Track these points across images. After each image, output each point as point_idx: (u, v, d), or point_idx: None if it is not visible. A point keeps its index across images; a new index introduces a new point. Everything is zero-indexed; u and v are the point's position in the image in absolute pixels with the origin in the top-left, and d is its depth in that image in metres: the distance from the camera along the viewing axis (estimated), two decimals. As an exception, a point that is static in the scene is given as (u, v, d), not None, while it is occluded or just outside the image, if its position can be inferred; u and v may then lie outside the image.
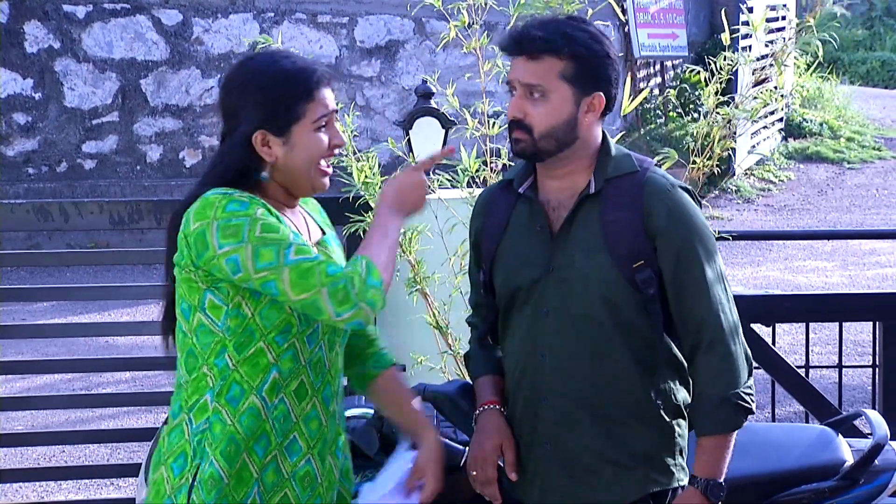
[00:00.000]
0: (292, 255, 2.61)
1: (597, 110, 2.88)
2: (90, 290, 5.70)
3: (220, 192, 2.67)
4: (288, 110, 2.72)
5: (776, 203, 12.99)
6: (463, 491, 3.29)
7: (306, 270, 2.61)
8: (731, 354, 2.85)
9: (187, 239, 2.68)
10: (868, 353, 5.72)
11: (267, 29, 11.90)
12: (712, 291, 2.85)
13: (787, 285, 9.67)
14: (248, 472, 2.71)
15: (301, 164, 2.76)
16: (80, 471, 5.55)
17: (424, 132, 4.79)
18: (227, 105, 2.76)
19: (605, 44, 2.87)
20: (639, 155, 2.97)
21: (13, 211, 4.81)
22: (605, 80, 2.87)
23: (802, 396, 4.85)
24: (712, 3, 16.23)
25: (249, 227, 2.62)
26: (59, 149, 11.75)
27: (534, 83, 2.85)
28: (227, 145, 2.75)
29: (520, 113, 2.87)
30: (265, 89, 2.72)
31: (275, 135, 2.73)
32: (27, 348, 7.78)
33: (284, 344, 2.72)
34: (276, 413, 2.73)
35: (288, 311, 2.70)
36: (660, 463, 2.91)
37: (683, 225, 2.84)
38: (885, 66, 20.97)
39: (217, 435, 2.68)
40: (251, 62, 2.77)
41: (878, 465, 3.38)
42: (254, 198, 2.69)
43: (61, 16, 11.72)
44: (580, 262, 2.88)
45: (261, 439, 2.72)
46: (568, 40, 2.83)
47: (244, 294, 2.67)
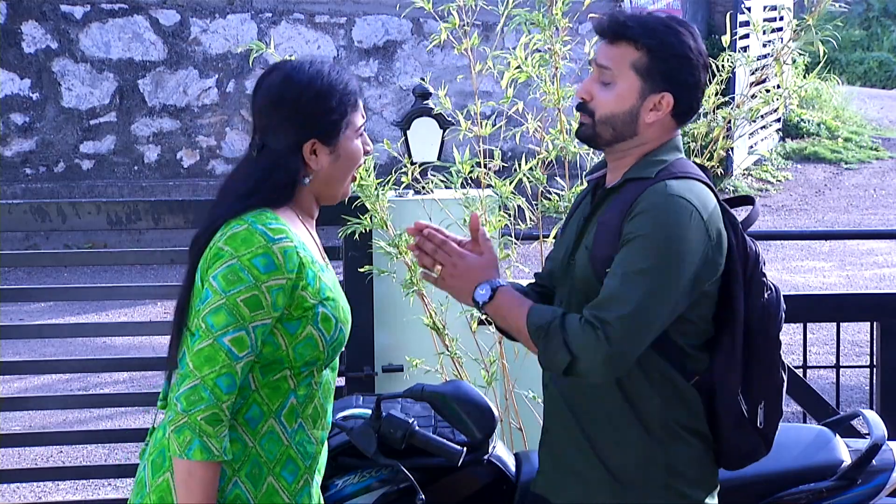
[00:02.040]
0: (228, 339, 2.61)
1: (663, 111, 2.83)
2: (88, 291, 5.70)
3: (263, 236, 2.65)
4: (339, 120, 2.75)
5: (774, 203, 12.99)
6: (463, 491, 3.30)
7: (213, 357, 2.61)
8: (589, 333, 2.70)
9: (211, 251, 2.69)
10: (866, 354, 5.72)
11: (265, 29, 11.90)
12: (620, 286, 2.70)
13: (784, 285, 9.67)
14: (279, 497, 2.72)
15: (343, 172, 2.80)
16: (78, 471, 5.55)
17: (422, 132, 4.79)
18: (272, 115, 2.75)
19: (689, 44, 2.81)
20: (684, 166, 2.85)
21: (11, 211, 4.80)
22: (678, 82, 2.82)
23: (800, 396, 4.85)
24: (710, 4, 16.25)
25: (244, 288, 2.62)
26: (57, 149, 11.75)
27: (606, 66, 2.83)
28: (274, 154, 2.74)
29: (587, 94, 2.86)
30: (319, 100, 2.73)
31: (324, 144, 2.75)
32: (25, 349, 7.78)
33: (306, 373, 2.76)
34: (297, 439, 2.75)
35: (321, 349, 2.73)
36: (632, 476, 2.85)
37: (639, 223, 2.73)
38: (882, 66, 20.98)
39: (236, 455, 2.69)
40: (296, 72, 2.76)
41: (876, 465, 3.38)
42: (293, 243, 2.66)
43: (59, 16, 11.71)
44: (579, 258, 2.88)
45: (287, 465, 2.74)
46: (647, 31, 2.80)
47: (279, 327, 2.69)
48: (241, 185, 2.74)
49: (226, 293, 2.62)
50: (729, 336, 2.85)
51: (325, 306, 2.71)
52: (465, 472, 3.26)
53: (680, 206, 2.74)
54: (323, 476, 3.15)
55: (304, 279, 2.67)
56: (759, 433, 2.92)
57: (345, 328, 2.78)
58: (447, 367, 4.42)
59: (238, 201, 2.71)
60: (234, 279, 2.62)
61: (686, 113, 2.87)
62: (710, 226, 2.78)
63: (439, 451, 3.08)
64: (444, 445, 3.07)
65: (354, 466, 3.24)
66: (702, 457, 2.89)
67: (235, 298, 2.62)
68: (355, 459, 3.22)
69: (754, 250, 2.89)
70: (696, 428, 2.88)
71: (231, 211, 2.71)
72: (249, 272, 2.62)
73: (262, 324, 2.64)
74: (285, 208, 2.76)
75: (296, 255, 2.66)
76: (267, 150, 2.75)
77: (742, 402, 2.88)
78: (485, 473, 3.30)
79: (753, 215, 2.99)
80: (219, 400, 2.61)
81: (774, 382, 2.93)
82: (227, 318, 2.62)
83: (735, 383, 2.86)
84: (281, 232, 2.67)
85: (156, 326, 5.36)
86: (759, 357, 2.88)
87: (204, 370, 2.61)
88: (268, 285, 2.63)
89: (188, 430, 2.61)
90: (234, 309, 2.62)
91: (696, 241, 2.74)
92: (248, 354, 2.64)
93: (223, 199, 2.75)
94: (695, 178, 2.84)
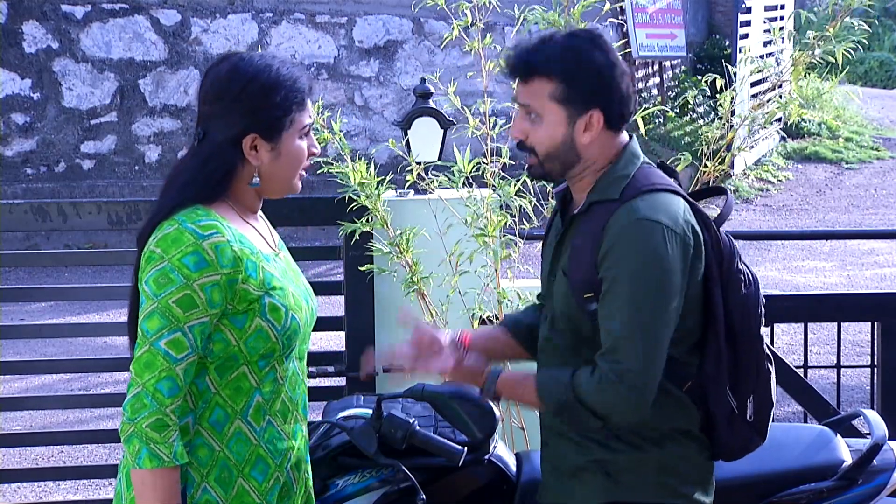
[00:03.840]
0: (164, 343, 2.60)
1: (595, 128, 2.84)
2: (88, 291, 5.69)
3: (193, 234, 2.62)
4: (283, 117, 2.72)
5: (774, 203, 12.99)
6: (463, 491, 3.29)
7: (151, 363, 2.60)
8: (606, 384, 2.74)
9: (144, 254, 2.67)
10: (866, 354, 5.72)
11: (265, 29, 11.90)
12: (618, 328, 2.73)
13: (785, 285, 9.67)
14: (250, 497, 2.72)
15: (285, 171, 2.76)
16: (79, 471, 5.55)
17: (423, 132, 4.79)
18: (215, 105, 2.72)
19: (598, 61, 2.81)
20: (648, 177, 2.86)
21: (11, 211, 4.80)
22: (600, 97, 2.82)
23: (801, 396, 4.85)
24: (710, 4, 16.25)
25: (175, 290, 2.60)
26: (58, 149, 11.75)
27: (528, 104, 2.85)
28: (213, 146, 2.71)
29: (521, 134, 2.88)
30: (263, 94, 2.70)
31: (265, 139, 2.72)
32: (25, 348, 7.78)
33: (266, 367, 2.73)
34: (266, 437, 2.74)
35: (273, 339, 2.70)
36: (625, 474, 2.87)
37: (616, 257, 2.74)
38: (883, 66, 20.99)
39: (204, 460, 2.68)
40: (244, 63, 2.73)
41: (877, 465, 3.38)
42: (224, 238, 2.64)
43: (60, 16, 11.71)
44: (559, 279, 2.90)
45: (257, 464, 2.73)
46: (555, 61, 2.80)
47: (226, 323, 2.67)
48: (180, 176, 2.72)
49: (157, 297, 2.60)
50: (713, 335, 2.87)
51: (271, 296, 2.69)
52: (465, 472, 3.26)
53: (650, 230, 2.75)
54: (323, 476, 3.16)
55: (242, 272, 2.65)
56: (751, 426, 2.95)
57: (298, 315, 2.74)
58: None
59: (175, 194, 2.69)
60: (164, 281, 2.60)
61: (620, 121, 2.88)
62: (684, 237, 2.79)
63: (440, 450, 3.08)
64: (445, 445, 3.07)
65: (355, 466, 3.24)
66: (695, 455, 2.92)
67: (167, 301, 2.60)
68: (356, 459, 3.22)
69: (728, 246, 2.90)
70: (689, 430, 2.91)
71: (167, 206, 2.68)
72: (180, 272, 2.60)
73: (200, 322, 2.62)
74: (221, 203, 2.72)
75: (229, 249, 2.64)
76: (207, 140, 2.72)
77: (731, 397, 2.90)
78: (485, 473, 3.30)
79: (727, 210, 2.99)
80: (161, 405, 2.59)
81: (761, 375, 2.95)
82: (161, 322, 2.60)
83: (723, 380, 2.89)
84: (211, 228, 2.64)
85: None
86: (743, 352, 2.90)
87: (144, 376, 2.60)
88: (200, 283, 2.60)
89: (136, 438, 2.61)
90: (167, 311, 2.60)
91: (674, 259, 2.76)
92: (189, 354, 2.61)
93: (166, 191, 2.73)
94: (660, 188, 2.83)
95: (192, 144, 2.78)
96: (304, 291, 2.82)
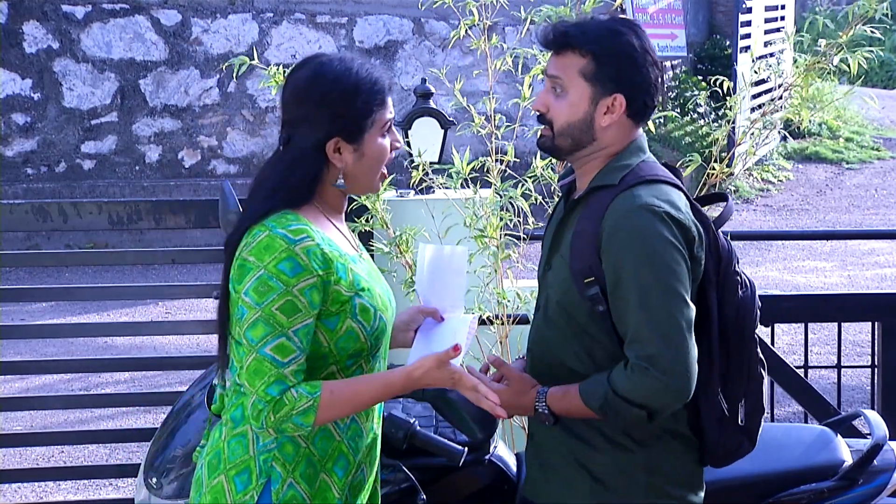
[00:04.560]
0: (269, 349, 2.63)
1: (616, 112, 2.85)
2: (89, 291, 5.69)
3: (284, 239, 2.65)
4: (364, 119, 2.75)
5: (775, 203, 12.99)
6: (464, 491, 3.29)
7: (260, 370, 2.63)
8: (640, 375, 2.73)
9: (237, 261, 2.69)
10: (867, 354, 5.72)
11: (266, 29, 11.90)
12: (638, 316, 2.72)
13: (785, 285, 9.67)
14: (331, 493, 2.74)
15: (368, 169, 2.79)
16: (79, 471, 5.55)
17: (423, 132, 4.80)
18: (297, 111, 2.75)
19: (633, 44, 2.83)
20: (650, 168, 2.87)
21: (12, 211, 4.80)
22: (627, 82, 2.84)
23: (801, 397, 4.85)
24: (711, 4, 16.24)
25: (276, 297, 2.63)
26: (58, 149, 11.75)
27: (555, 75, 2.86)
28: (298, 151, 2.74)
29: (542, 106, 2.90)
30: (345, 98, 2.73)
31: (348, 142, 2.75)
32: (26, 349, 7.78)
33: (353, 367, 2.77)
34: (349, 433, 2.77)
35: (363, 340, 2.74)
36: (612, 477, 2.87)
37: (620, 243, 2.74)
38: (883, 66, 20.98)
39: (290, 456, 2.71)
40: (325, 68, 2.75)
41: (877, 465, 3.38)
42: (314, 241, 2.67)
43: (60, 16, 11.71)
44: (555, 267, 2.90)
45: (339, 460, 2.76)
46: (590, 38, 2.82)
47: (318, 324, 2.69)
48: (268, 181, 2.75)
49: (260, 306, 2.63)
50: (705, 336, 2.86)
51: (361, 297, 2.72)
52: (466, 472, 3.26)
53: (650, 214, 2.76)
54: None
55: (334, 274, 2.68)
56: (742, 431, 2.94)
57: (385, 315, 2.79)
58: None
59: (264, 200, 2.72)
60: (264, 290, 2.63)
61: (642, 111, 2.89)
62: (684, 221, 2.79)
63: (440, 451, 3.08)
64: (446, 445, 3.07)
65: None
66: (682, 455, 2.91)
67: (270, 308, 2.63)
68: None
69: (727, 249, 2.91)
70: (676, 429, 2.90)
71: (257, 212, 2.71)
72: (278, 279, 2.63)
73: (304, 325, 2.65)
74: (309, 206, 2.76)
75: (320, 252, 2.67)
76: (292, 145, 2.75)
77: (722, 401, 2.89)
78: (486, 473, 3.30)
79: (727, 213, 3.00)
80: (272, 401, 2.63)
81: (754, 379, 2.94)
82: (265, 329, 2.63)
83: (714, 383, 2.88)
84: (302, 232, 2.67)
85: (157, 326, 5.36)
86: (736, 355, 2.90)
87: (256, 384, 2.63)
88: (299, 288, 2.64)
89: (280, 429, 2.64)
90: (271, 318, 2.63)
91: (678, 240, 2.76)
92: (297, 357, 2.65)
93: (253, 196, 2.77)
94: (661, 180, 2.85)
95: (276, 149, 2.80)
96: (387, 291, 2.86)
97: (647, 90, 2.87)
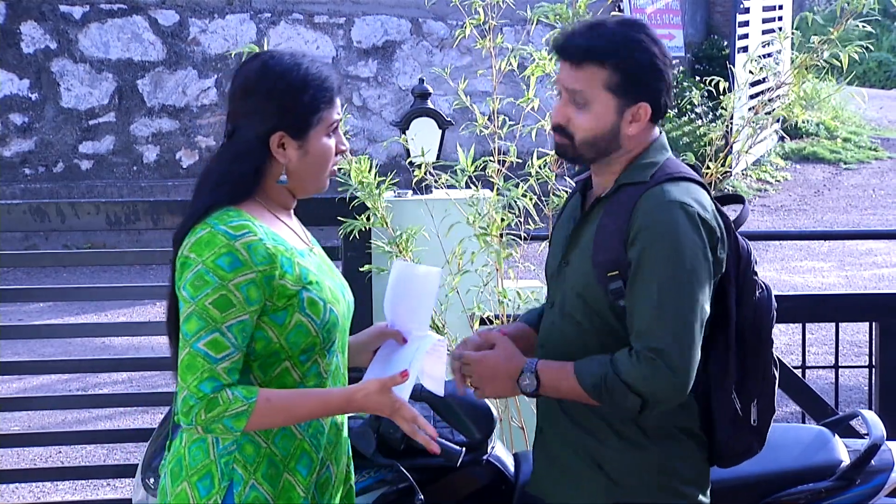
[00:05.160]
0: (202, 344, 2.61)
1: (642, 120, 2.83)
2: (87, 291, 5.69)
3: (225, 235, 2.64)
4: (310, 115, 2.72)
5: (773, 203, 13.00)
6: (462, 491, 3.29)
7: (192, 365, 2.62)
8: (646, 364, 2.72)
9: (179, 259, 2.69)
10: (864, 354, 5.72)
11: (264, 29, 11.90)
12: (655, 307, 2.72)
13: (783, 286, 9.67)
14: (296, 493, 2.72)
15: (313, 168, 2.76)
16: (77, 471, 5.55)
17: (421, 133, 4.79)
18: (243, 103, 2.73)
19: (653, 52, 2.81)
20: (675, 165, 2.87)
21: (10, 211, 4.80)
22: (651, 90, 2.82)
23: (799, 397, 4.85)
24: (709, 4, 16.25)
25: (210, 291, 2.62)
26: (56, 149, 11.75)
27: (577, 89, 2.82)
28: (242, 143, 2.72)
29: (563, 119, 2.85)
30: (291, 92, 2.71)
31: (293, 137, 2.73)
32: (24, 349, 7.78)
33: (308, 362, 2.75)
34: (310, 431, 2.76)
35: (314, 333, 2.72)
36: (626, 476, 2.86)
37: (648, 236, 2.74)
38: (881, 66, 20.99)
39: (251, 457, 2.69)
40: (274, 61, 2.73)
41: (875, 465, 3.38)
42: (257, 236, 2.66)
43: (58, 16, 11.71)
44: (574, 262, 2.88)
45: (302, 458, 2.74)
46: (612, 49, 2.79)
47: (266, 320, 2.68)
48: (212, 174, 2.74)
49: (194, 299, 2.63)
50: (723, 336, 2.86)
51: (308, 290, 2.70)
52: (464, 473, 3.26)
53: (682, 212, 2.76)
54: None
55: (278, 268, 2.66)
56: (753, 431, 2.94)
57: (336, 308, 2.76)
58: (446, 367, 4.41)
59: (209, 193, 2.71)
60: (200, 284, 2.62)
61: (662, 113, 2.88)
62: (712, 223, 2.80)
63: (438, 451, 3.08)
64: (443, 445, 3.07)
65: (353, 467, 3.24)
66: (695, 455, 2.91)
67: (203, 302, 2.62)
68: (354, 460, 3.21)
69: (746, 249, 2.91)
70: (690, 428, 2.89)
71: (200, 207, 2.70)
72: (214, 273, 2.62)
73: (239, 321, 2.63)
74: (252, 202, 2.74)
75: (262, 247, 2.65)
76: (236, 137, 2.74)
77: (736, 400, 2.89)
78: (484, 474, 3.30)
79: (744, 214, 3.00)
80: (204, 399, 2.61)
81: (767, 380, 2.94)
82: (199, 324, 2.62)
83: (729, 383, 2.88)
84: (243, 228, 2.65)
85: (155, 326, 5.35)
86: (752, 356, 2.90)
87: (188, 379, 2.62)
88: (235, 283, 2.62)
89: (210, 429, 2.63)
90: (204, 313, 2.62)
91: (704, 241, 2.77)
92: (231, 354, 2.63)
93: (199, 190, 2.75)
94: (689, 178, 2.86)
95: (222, 141, 2.79)
96: (339, 285, 2.84)
97: (668, 93, 2.86)
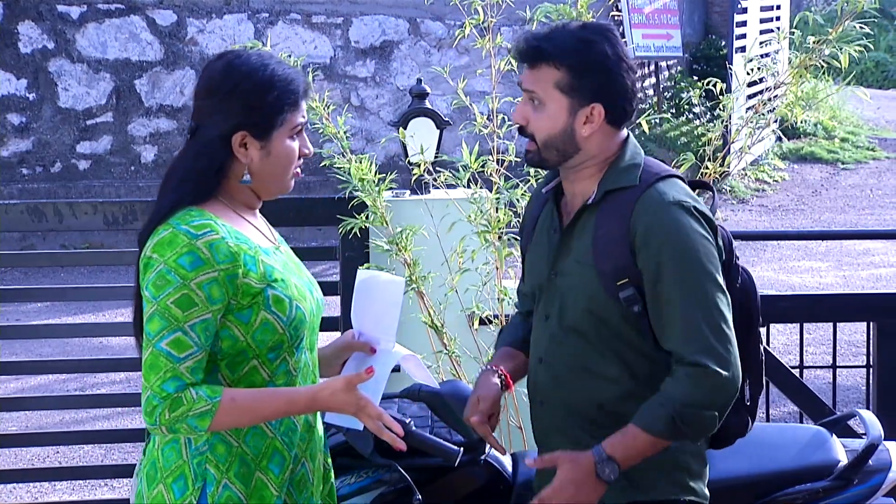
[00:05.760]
0: (165, 343, 2.61)
1: (596, 121, 2.85)
2: (84, 291, 5.69)
3: (186, 234, 2.64)
4: (274, 116, 2.72)
5: (770, 203, 13.00)
6: (460, 491, 3.29)
7: (155, 365, 2.62)
8: (699, 375, 2.75)
9: (142, 260, 2.69)
10: (862, 354, 5.73)
11: (261, 29, 11.90)
12: (687, 311, 2.75)
13: (781, 286, 9.67)
14: (268, 491, 2.72)
15: (275, 169, 2.76)
16: (75, 471, 5.55)
17: (419, 132, 4.79)
18: (207, 101, 2.73)
19: (606, 53, 2.83)
20: (656, 165, 2.91)
21: (7, 211, 4.80)
22: (604, 91, 2.84)
23: (797, 397, 4.85)
24: (707, 4, 16.26)
25: (172, 290, 2.61)
26: (54, 149, 11.74)
27: (533, 90, 2.87)
28: (204, 141, 2.72)
29: (522, 119, 2.90)
30: (256, 92, 2.70)
31: (255, 138, 2.72)
32: (21, 349, 7.77)
33: (276, 360, 2.74)
34: (282, 429, 2.75)
35: (280, 331, 2.71)
36: (643, 475, 2.86)
37: (658, 241, 2.78)
38: (879, 66, 21.00)
39: (223, 456, 2.69)
40: (240, 60, 2.73)
41: (872, 465, 3.39)
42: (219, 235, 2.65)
43: (55, 16, 11.71)
44: (573, 272, 2.89)
45: (273, 457, 2.74)
46: (563, 50, 2.82)
47: (231, 319, 2.68)
48: (175, 173, 2.73)
49: (156, 299, 2.62)
50: None
51: (273, 288, 2.70)
52: (461, 472, 3.26)
53: (682, 210, 2.81)
54: None
55: (241, 266, 2.66)
56: (747, 410, 3.01)
57: (302, 305, 2.75)
58: (445, 367, 4.42)
59: (172, 191, 2.71)
60: (162, 283, 2.62)
61: (622, 117, 2.90)
62: (707, 214, 2.86)
63: (436, 451, 3.08)
64: (441, 445, 3.07)
65: (351, 467, 3.24)
66: (701, 448, 2.95)
67: (165, 302, 2.62)
68: (352, 460, 3.22)
69: (726, 237, 2.97)
70: None
71: (164, 207, 2.69)
72: (176, 273, 2.62)
73: (201, 319, 2.63)
74: (215, 201, 2.73)
75: (224, 245, 2.65)
76: (198, 135, 2.73)
77: None
78: (482, 473, 3.30)
79: (717, 201, 3.08)
80: (168, 399, 2.61)
81: (756, 359, 3.01)
82: (161, 323, 2.62)
83: None
84: (205, 227, 2.65)
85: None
86: (743, 337, 2.93)
87: (151, 379, 2.62)
88: (197, 282, 2.62)
89: (174, 430, 2.62)
90: (166, 312, 2.62)
91: (707, 233, 2.82)
92: (194, 353, 2.62)
93: (163, 190, 2.74)
94: (675, 175, 2.91)
95: (185, 139, 2.78)
96: (307, 282, 2.83)
97: (625, 96, 2.87)
